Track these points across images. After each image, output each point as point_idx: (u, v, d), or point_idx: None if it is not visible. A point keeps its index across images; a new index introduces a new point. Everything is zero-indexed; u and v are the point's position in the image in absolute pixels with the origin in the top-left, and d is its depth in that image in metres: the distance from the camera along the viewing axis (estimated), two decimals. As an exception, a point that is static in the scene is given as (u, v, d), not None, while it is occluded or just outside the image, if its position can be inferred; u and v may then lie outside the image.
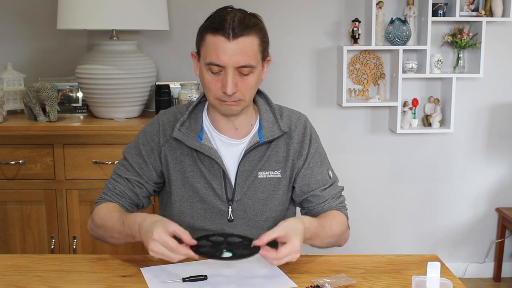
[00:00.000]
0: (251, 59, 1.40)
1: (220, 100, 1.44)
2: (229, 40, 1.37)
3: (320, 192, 1.56)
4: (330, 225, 1.49)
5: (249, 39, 1.39)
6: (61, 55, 2.94)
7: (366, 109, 3.10)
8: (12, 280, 1.35)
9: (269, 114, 1.56)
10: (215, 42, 1.38)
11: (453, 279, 1.32)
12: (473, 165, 3.19)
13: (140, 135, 1.58)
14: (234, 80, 1.39)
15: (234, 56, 1.37)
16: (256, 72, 1.43)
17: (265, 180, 1.53)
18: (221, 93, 1.42)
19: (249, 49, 1.39)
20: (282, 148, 1.55)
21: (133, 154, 1.56)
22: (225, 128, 1.53)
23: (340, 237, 1.55)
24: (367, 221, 3.20)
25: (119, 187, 1.55)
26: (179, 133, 1.51)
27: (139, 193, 1.56)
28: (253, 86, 1.44)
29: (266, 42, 1.46)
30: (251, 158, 1.52)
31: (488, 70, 3.04)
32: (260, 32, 1.43)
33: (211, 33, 1.39)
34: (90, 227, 1.56)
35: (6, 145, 2.46)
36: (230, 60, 1.37)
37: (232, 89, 1.39)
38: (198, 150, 1.50)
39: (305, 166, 1.56)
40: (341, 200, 1.61)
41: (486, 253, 3.28)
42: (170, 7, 2.84)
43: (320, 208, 1.56)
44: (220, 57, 1.37)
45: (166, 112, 1.60)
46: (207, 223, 1.53)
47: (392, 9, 3.00)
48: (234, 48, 1.37)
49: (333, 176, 1.62)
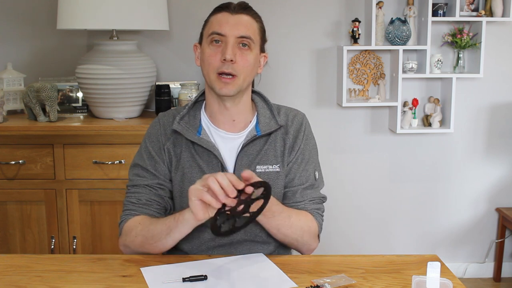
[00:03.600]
0: (251, 32, 1.49)
1: (218, 75, 1.47)
2: (231, 14, 1.48)
3: (300, 191, 1.56)
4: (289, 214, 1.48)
5: (250, 18, 1.51)
6: (61, 55, 2.94)
7: (366, 109, 3.10)
8: (12, 280, 1.35)
9: (266, 110, 1.59)
10: (219, 16, 1.49)
11: (453, 279, 1.32)
12: (473, 165, 3.19)
13: (146, 138, 1.60)
14: (234, 49, 1.46)
15: (236, 26, 1.47)
16: (254, 51, 1.50)
17: (263, 174, 1.54)
18: (220, 64, 1.47)
19: (249, 24, 1.50)
20: (280, 142, 1.57)
21: (144, 159, 1.56)
22: (222, 120, 1.55)
23: (301, 237, 1.51)
24: (367, 221, 3.20)
25: (144, 197, 1.53)
26: (178, 125, 1.54)
27: (163, 195, 1.55)
28: (250, 64, 1.49)
29: (264, 34, 1.56)
30: (248, 152, 1.54)
31: (488, 70, 3.04)
32: (260, 21, 1.54)
33: (215, 12, 1.51)
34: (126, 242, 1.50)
35: (6, 145, 2.46)
36: (232, 30, 1.47)
37: (231, 55, 1.45)
38: (196, 144, 1.52)
39: (293, 161, 1.57)
40: (318, 207, 1.58)
41: (486, 253, 3.28)
42: (170, 7, 2.84)
43: (295, 207, 1.55)
44: (222, 26, 1.47)
45: (165, 113, 1.62)
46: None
47: (392, 9, 3.00)
48: (236, 20, 1.48)
49: (318, 179, 1.61)
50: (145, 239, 1.45)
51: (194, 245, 1.55)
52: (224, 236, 1.31)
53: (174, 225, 1.40)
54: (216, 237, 1.50)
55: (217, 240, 1.54)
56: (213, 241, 1.54)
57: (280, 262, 1.44)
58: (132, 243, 1.49)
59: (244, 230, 1.52)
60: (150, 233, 1.44)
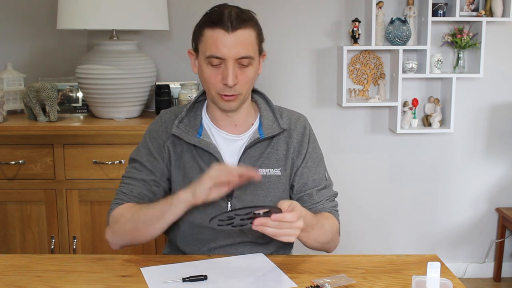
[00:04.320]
0: (250, 50, 1.44)
1: (220, 94, 1.46)
2: (228, 33, 1.40)
3: (315, 192, 1.56)
4: (322, 223, 1.48)
5: (247, 32, 1.43)
6: (61, 55, 2.94)
7: (366, 109, 3.10)
8: (12, 280, 1.35)
9: (269, 113, 1.58)
10: (214, 35, 1.41)
11: (453, 279, 1.32)
12: (473, 165, 3.19)
13: (146, 134, 1.60)
14: (235, 71, 1.43)
15: (234, 48, 1.41)
16: (254, 65, 1.47)
17: (265, 177, 1.53)
18: (221, 86, 1.44)
19: (247, 41, 1.43)
20: (282, 146, 1.56)
21: (143, 154, 1.56)
22: (224, 124, 1.55)
23: (331, 239, 1.53)
24: (367, 221, 3.20)
25: (136, 189, 1.53)
26: (177, 129, 1.53)
27: (157, 193, 1.55)
28: (251, 79, 1.48)
29: (262, 36, 1.51)
30: (251, 154, 1.53)
31: (488, 70, 3.04)
32: (256, 25, 1.48)
33: (209, 27, 1.42)
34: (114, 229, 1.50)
35: (6, 145, 2.46)
36: (230, 52, 1.40)
37: (233, 80, 1.42)
38: (197, 146, 1.51)
39: (303, 165, 1.57)
40: (334, 204, 1.61)
41: (486, 253, 3.28)
42: (170, 7, 2.84)
43: (314, 209, 1.56)
44: (220, 49, 1.41)
45: (168, 110, 1.62)
46: (206, 219, 1.53)
47: (392, 9, 3.00)
48: (234, 40, 1.41)
49: (328, 179, 1.62)
50: (135, 224, 1.45)
51: (194, 246, 1.55)
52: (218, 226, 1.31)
53: (167, 208, 1.41)
54: (213, 232, 1.51)
55: (217, 241, 1.54)
56: (213, 242, 1.54)
57: (280, 262, 1.44)
58: (121, 230, 1.48)
59: (245, 232, 1.53)
60: (142, 218, 1.44)
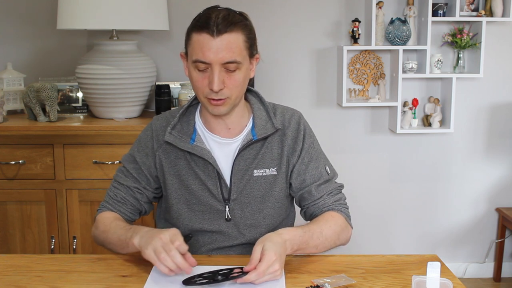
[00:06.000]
0: (237, 55, 1.40)
1: (208, 98, 1.44)
2: (213, 37, 1.37)
3: (315, 188, 1.54)
4: (320, 231, 1.45)
5: (233, 36, 1.39)
6: (61, 55, 2.94)
7: (366, 109, 3.10)
8: (12, 280, 1.35)
9: (262, 112, 1.56)
10: (200, 39, 1.39)
11: (453, 279, 1.32)
12: (473, 165, 3.19)
13: (136, 143, 1.61)
14: (221, 77, 1.40)
15: (219, 52, 1.38)
16: (243, 69, 1.43)
17: (261, 178, 1.53)
18: (208, 90, 1.42)
19: (234, 45, 1.39)
20: (276, 145, 1.55)
21: (130, 161, 1.59)
22: (217, 128, 1.53)
23: (338, 238, 1.52)
24: (367, 221, 3.20)
25: (120, 194, 1.58)
26: (170, 136, 1.52)
27: (140, 199, 1.58)
28: (240, 83, 1.44)
29: (253, 39, 1.46)
30: (245, 156, 1.52)
31: (488, 70, 3.04)
32: (245, 28, 1.43)
33: (196, 31, 1.41)
34: (94, 233, 1.58)
35: (6, 145, 2.46)
36: (216, 57, 1.38)
37: (219, 85, 1.39)
38: (191, 152, 1.51)
39: (300, 162, 1.55)
40: (338, 198, 1.58)
41: (486, 253, 3.28)
42: (170, 7, 2.84)
43: (316, 206, 1.55)
44: (205, 54, 1.38)
45: (159, 117, 1.61)
46: (205, 224, 1.53)
47: (392, 9, 3.00)
48: (219, 44, 1.38)
49: (330, 172, 1.60)
50: (105, 240, 1.52)
51: (194, 247, 1.55)
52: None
53: (125, 244, 1.43)
54: (212, 235, 1.54)
55: (217, 242, 1.54)
56: (212, 244, 1.55)
57: (280, 262, 1.43)
58: (99, 237, 1.55)
59: (244, 234, 1.53)
60: (108, 240, 1.50)
